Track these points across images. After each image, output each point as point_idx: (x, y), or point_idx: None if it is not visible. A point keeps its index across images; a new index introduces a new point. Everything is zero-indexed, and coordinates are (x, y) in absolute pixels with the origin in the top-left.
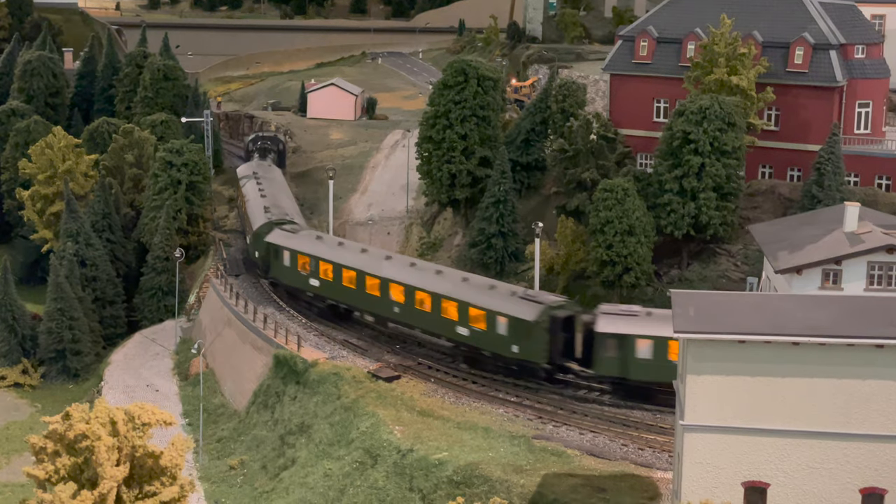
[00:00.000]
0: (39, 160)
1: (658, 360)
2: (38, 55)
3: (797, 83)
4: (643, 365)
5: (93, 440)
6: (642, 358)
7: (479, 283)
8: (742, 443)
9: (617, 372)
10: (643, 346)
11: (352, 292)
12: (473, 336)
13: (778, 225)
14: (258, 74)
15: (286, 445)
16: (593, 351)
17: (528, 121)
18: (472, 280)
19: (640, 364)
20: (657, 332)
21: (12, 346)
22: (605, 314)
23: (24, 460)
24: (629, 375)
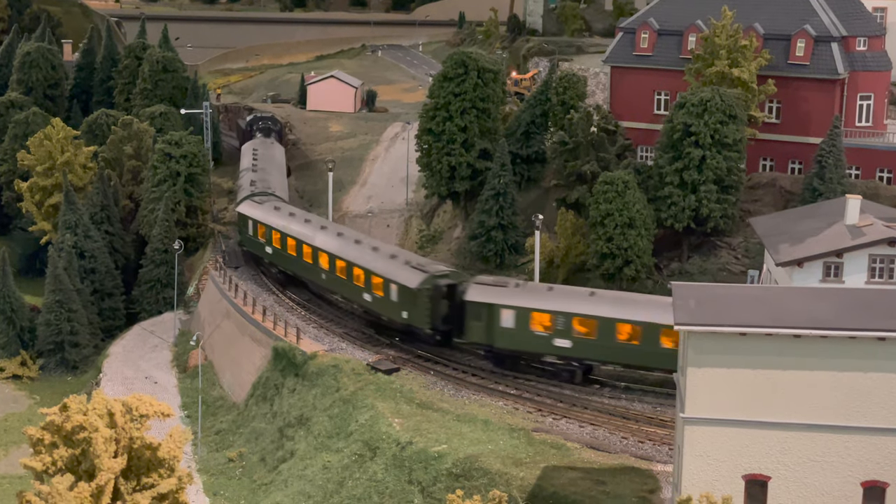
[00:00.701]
0: (38, 152)
1: (520, 329)
2: (37, 47)
3: (798, 75)
4: (507, 333)
5: (90, 432)
6: (506, 327)
7: (384, 252)
8: (743, 436)
9: (484, 339)
10: (506, 315)
11: (294, 260)
12: (374, 302)
13: (779, 218)
14: (257, 67)
15: (285, 438)
16: (464, 319)
17: (528, 113)
18: (380, 249)
19: (503, 332)
20: (520, 303)
21: (11, 337)
22: (475, 284)
23: (22, 452)
24: (494, 343)
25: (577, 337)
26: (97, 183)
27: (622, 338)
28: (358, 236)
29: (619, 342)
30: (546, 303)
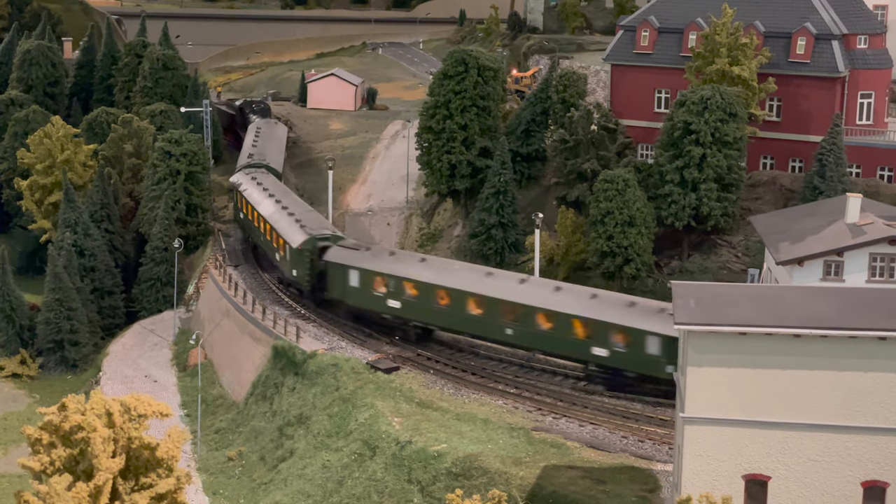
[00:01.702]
0: (38, 150)
1: (364, 289)
2: (38, 45)
3: (799, 73)
4: (354, 292)
5: (88, 432)
6: (353, 286)
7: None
8: (743, 435)
9: (339, 297)
10: (354, 275)
11: (252, 226)
12: (280, 261)
13: (779, 216)
14: (258, 64)
15: (284, 437)
16: (326, 278)
17: (528, 111)
18: (295, 213)
19: (352, 291)
20: (364, 265)
21: (10, 336)
22: (336, 246)
23: (21, 451)
24: (346, 300)
25: (406, 299)
26: (97, 181)
27: (442, 302)
28: (293, 203)
29: (438, 306)
30: (384, 266)
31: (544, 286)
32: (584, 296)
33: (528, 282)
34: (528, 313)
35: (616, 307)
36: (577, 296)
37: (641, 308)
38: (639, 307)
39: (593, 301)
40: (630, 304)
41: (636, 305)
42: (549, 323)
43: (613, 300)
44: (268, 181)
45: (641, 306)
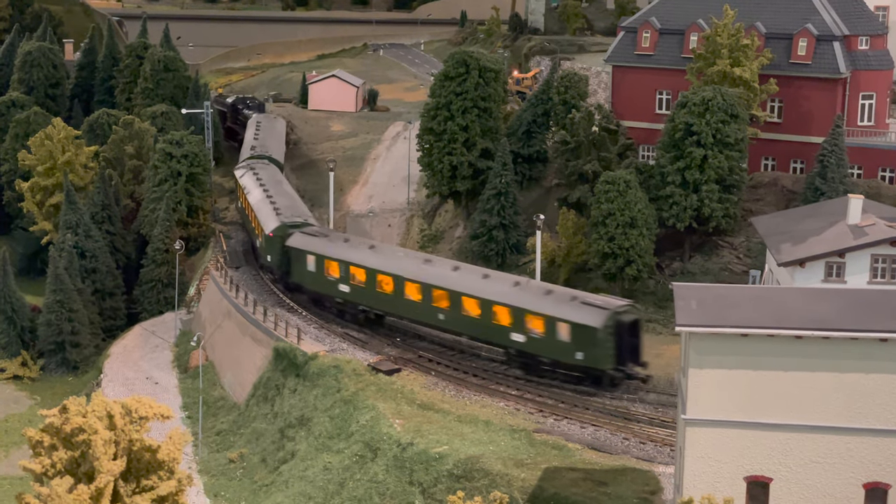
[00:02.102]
0: (39, 151)
1: (319, 273)
2: (39, 46)
3: (800, 75)
4: (311, 276)
5: (89, 434)
6: (311, 270)
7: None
8: (744, 437)
9: (299, 280)
10: (311, 260)
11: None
12: (260, 248)
13: (781, 217)
14: (259, 66)
15: (286, 438)
16: (290, 262)
17: (529, 112)
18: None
19: (309, 275)
20: (319, 251)
21: (11, 338)
22: (299, 232)
23: (22, 453)
24: (304, 284)
25: (355, 284)
26: (98, 182)
27: (386, 288)
28: (279, 192)
29: (382, 292)
30: (336, 252)
31: (474, 273)
32: (507, 283)
33: (461, 269)
34: (456, 299)
35: (533, 295)
36: (501, 283)
37: (557, 296)
38: (554, 295)
39: (514, 288)
40: (547, 292)
41: (552, 293)
42: (474, 309)
43: (533, 288)
44: (266, 172)
45: (557, 294)
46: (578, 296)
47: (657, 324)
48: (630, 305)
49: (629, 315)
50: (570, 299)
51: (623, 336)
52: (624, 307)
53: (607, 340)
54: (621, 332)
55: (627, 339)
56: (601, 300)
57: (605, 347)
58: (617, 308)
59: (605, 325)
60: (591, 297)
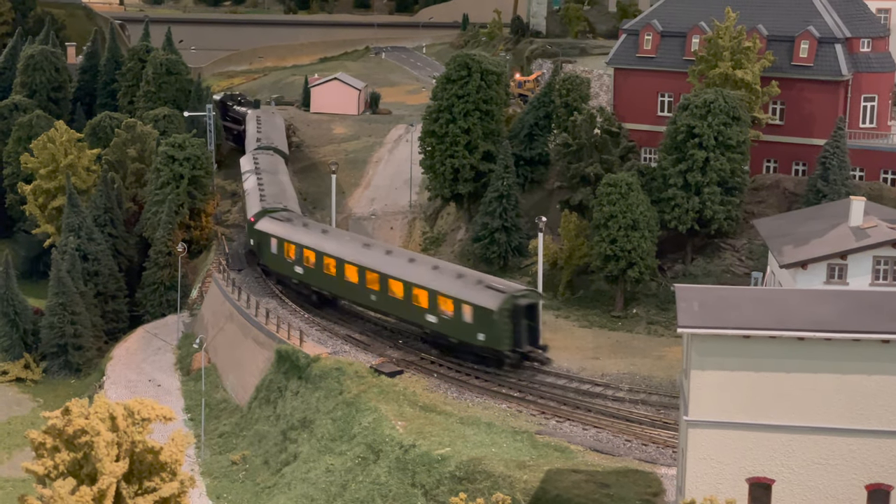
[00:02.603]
0: (41, 155)
1: (280, 255)
2: (41, 49)
3: (802, 77)
4: (274, 258)
5: (92, 435)
6: (273, 253)
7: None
8: (747, 438)
9: (265, 262)
10: (274, 243)
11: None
12: (246, 234)
13: (783, 219)
14: (261, 69)
15: (288, 441)
16: (260, 245)
17: (531, 115)
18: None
19: (272, 257)
20: (280, 234)
21: (14, 340)
22: (267, 216)
23: (25, 455)
24: (268, 265)
25: (307, 266)
26: (101, 185)
27: (330, 270)
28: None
29: (328, 273)
30: (293, 235)
31: (402, 257)
32: (427, 267)
33: (392, 253)
34: (384, 281)
35: (445, 278)
36: (422, 266)
37: (466, 279)
38: (464, 279)
39: (432, 272)
40: (458, 275)
41: (463, 277)
42: (399, 291)
43: (448, 271)
44: (267, 161)
45: (466, 278)
46: (484, 279)
47: (659, 325)
48: (530, 290)
49: (526, 299)
50: (475, 283)
51: (519, 319)
52: (522, 291)
53: (504, 322)
54: (518, 315)
55: (524, 321)
56: (503, 284)
57: (502, 329)
58: (515, 292)
59: (500, 307)
60: (494, 281)
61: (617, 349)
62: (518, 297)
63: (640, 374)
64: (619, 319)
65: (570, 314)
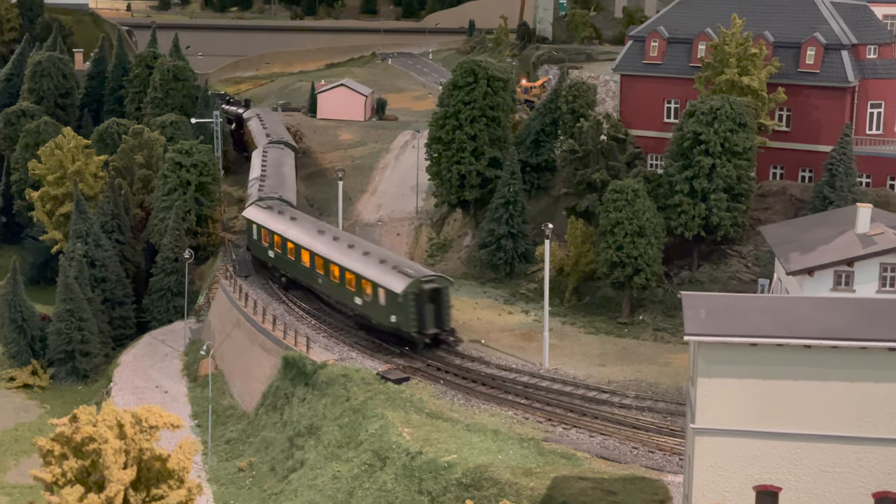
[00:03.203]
0: (49, 161)
1: (259, 240)
2: (49, 56)
3: (809, 83)
4: (255, 243)
5: (100, 443)
6: (255, 238)
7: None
8: (753, 446)
9: (249, 246)
10: (255, 228)
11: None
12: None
13: (789, 226)
14: (268, 75)
15: (295, 447)
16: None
17: (537, 121)
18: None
19: (255, 242)
20: (259, 220)
21: (21, 347)
22: (254, 204)
23: (32, 462)
24: (252, 250)
25: (276, 251)
26: (108, 192)
27: (291, 255)
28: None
29: (290, 258)
30: (268, 221)
31: (344, 242)
32: (360, 251)
33: (339, 238)
34: (327, 266)
35: (370, 262)
36: (356, 251)
37: (386, 264)
38: (384, 263)
39: (362, 256)
40: (381, 260)
41: (384, 262)
42: (336, 274)
43: (374, 256)
44: (276, 154)
45: (387, 262)
46: (399, 264)
47: (665, 332)
48: (438, 276)
49: (432, 284)
50: (391, 267)
51: (424, 302)
52: (430, 276)
53: (410, 305)
54: (422, 299)
55: (429, 305)
56: (414, 269)
57: (409, 311)
58: (422, 276)
59: (406, 290)
60: (408, 266)
61: (623, 356)
62: (424, 281)
63: (646, 380)
64: (626, 326)
65: (576, 321)
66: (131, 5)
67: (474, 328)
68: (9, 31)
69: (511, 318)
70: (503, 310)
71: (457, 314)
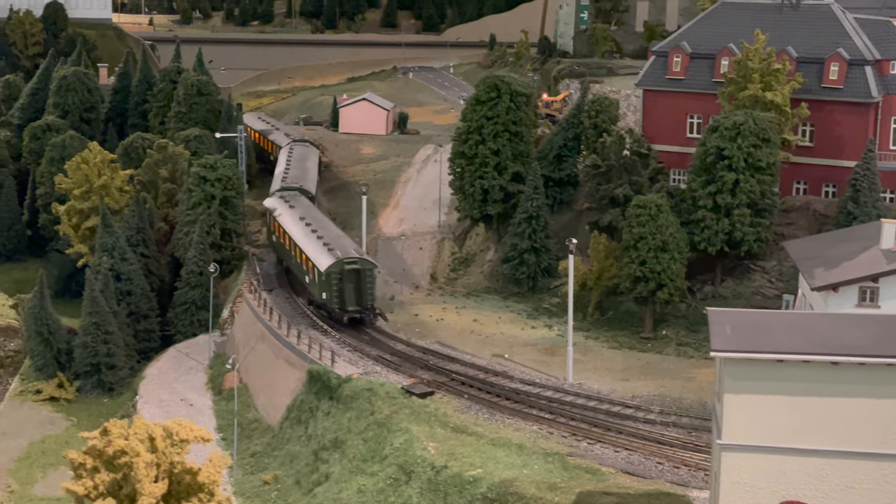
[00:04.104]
0: (75, 175)
1: (271, 228)
2: (74, 71)
3: (832, 99)
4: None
5: (132, 456)
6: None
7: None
8: (780, 462)
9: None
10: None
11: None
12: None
13: (813, 241)
14: (290, 89)
15: (320, 461)
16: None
17: (560, 136)
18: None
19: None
20: (271, 208)
21: (48, 360)
22: (275, 195)
23: (59, 474)
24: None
25: (277, 237)
26: (133, 206)
27: (282, 240)
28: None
29: (281, 242)
30: (276, 211)
31: (310, 224)
32: (316, 234)
33: (307, 220)
34: (295, 248)
35: (315, 244)
36: (313, 233)
37: (326, 245)
38: (326, 245)
39: (315, 239)
40: (324, 242)
41: (327, 244)
42: (300, 257)
43: (324, 236)
44: (301, 151)
45: (328, 244)
46: (333, 244)
47: (689, 347)
48: (362, 258)
49: (354, 265)
50: (327, 248)
51: (345, 281)
52: (353, 258)
53: (332, 283)
54: (344, 278)
55: (350, 284)
56: (343, 250)
57: (332, 289)
58: (345, 257)
59: (328, 269)
60: (339, 246)
61: (647, 371)
62: (346, 261)
63: (670, 395)
64: (649, 341)
65: (599, 335)
66: (153, 20)
67: (497, 342)
68: (33, 46)
69: (534, 333)
70: (526, 324)
71: (480, 328)
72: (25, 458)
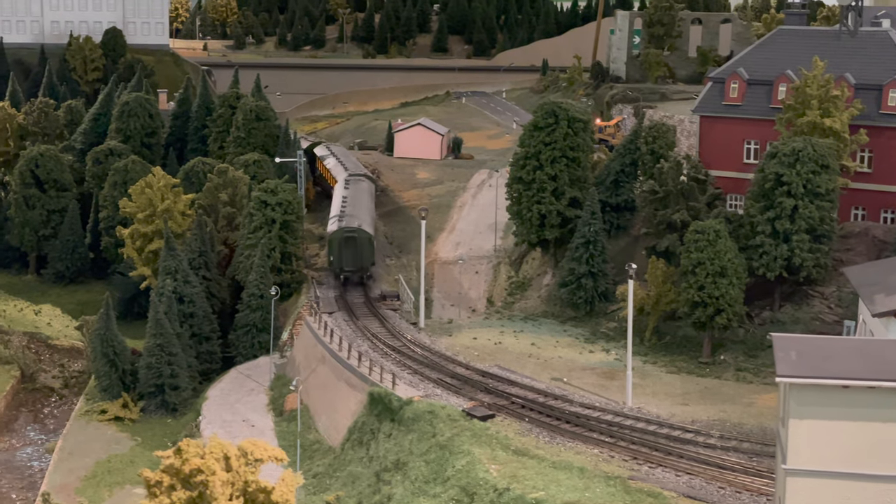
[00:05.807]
0: (139, 199)
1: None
2: (135, 96)
3: (891, 125)
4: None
5: (208, 475)
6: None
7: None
8: (845, 488)
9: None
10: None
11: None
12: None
13: (873, 267)
14: (344, 114)
15: (382, 482)
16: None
17: (617, 162)
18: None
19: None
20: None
21: (113, 380)
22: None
23: (125, 493)
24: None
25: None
26: (195, 229)
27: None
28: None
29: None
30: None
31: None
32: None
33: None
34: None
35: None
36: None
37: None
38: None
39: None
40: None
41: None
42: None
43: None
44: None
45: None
46: (344, 215)
47: (748, 372)
48: (359, 228)
49: (351, 233)
50: (338, 218)
51: (342, 247)
52: (352, 228)
53: (334, 248)
54: (341, 244)
55: (346, 250)
56: (346, 221)
57: (333, 253)
58: (345, 226)
59: (330, 236)
60: (347, 216)
61: (706, 395)
62: (345, 230)
63: (730, 420)
64: (707, 366)
65: (657, 360)
66: (207, 45)
67: (555, 366)
68: (93, 72)
69: (592, 357)
70: (584, 348)
71: (538, 352)
72: (92, 476)
